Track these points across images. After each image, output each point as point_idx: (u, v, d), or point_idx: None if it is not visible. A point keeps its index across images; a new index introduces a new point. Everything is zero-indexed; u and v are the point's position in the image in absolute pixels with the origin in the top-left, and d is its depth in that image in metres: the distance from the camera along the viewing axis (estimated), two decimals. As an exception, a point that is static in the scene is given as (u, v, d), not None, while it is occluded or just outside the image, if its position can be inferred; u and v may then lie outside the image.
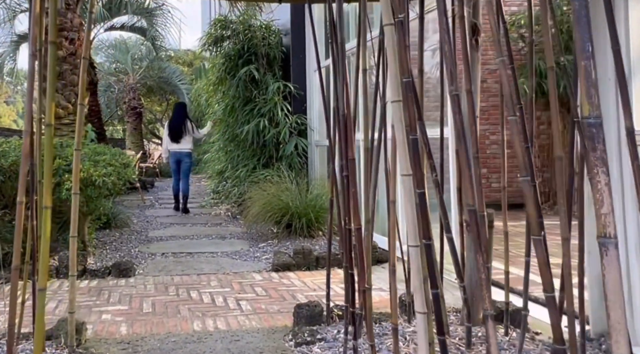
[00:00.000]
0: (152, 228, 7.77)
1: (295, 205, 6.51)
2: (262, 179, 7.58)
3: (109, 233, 7.14)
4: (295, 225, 6.41)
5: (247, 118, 8.72)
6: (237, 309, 4.19)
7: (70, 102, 7.53)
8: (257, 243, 6.55)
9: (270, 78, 8.57)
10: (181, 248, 6.43)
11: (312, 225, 6.43)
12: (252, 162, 8.51)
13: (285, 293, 4.63)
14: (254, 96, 8.65)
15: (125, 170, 5.94)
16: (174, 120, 9.66)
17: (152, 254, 6.13)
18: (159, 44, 15.54)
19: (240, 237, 7.03)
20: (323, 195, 6.77)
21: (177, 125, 9.47)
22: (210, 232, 7.42)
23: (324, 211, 6.53)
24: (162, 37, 14.67)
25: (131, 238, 7.00)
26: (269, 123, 8.24)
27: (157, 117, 24.92)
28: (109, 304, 4.41)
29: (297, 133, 8.27)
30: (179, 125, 9.47)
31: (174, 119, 9.68)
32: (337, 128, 2.90)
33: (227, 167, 9.79)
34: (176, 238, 7.05)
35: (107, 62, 20.99)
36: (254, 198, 7.05)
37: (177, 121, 9.55)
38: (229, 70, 9.01)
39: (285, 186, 6.86)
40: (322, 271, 5.34)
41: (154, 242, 6.81)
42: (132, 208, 9.83)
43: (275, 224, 6.67)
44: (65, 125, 7.47)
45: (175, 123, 9.54)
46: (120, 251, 6.24)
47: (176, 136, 9.42)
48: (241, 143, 8.95)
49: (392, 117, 2.00)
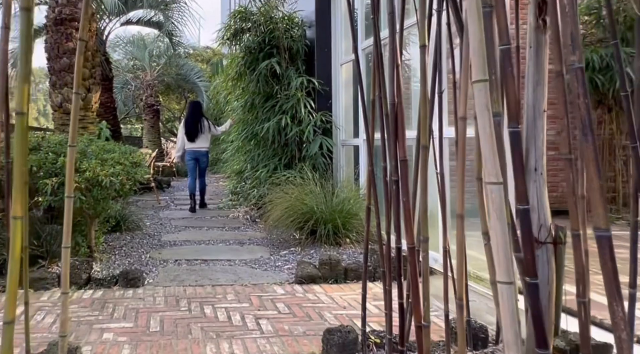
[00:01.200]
0: (165, 232, 7.29)
1: (321, 209, 5.97)
2: (284, 181, 7.06)
3: (119, 237, 6.67)
4: (320, 231, 5.87)
5: (267, 115, 8.21)
6: (256, 330, 3.67)
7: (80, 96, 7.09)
8: (278, 251, 6.03)
9: (293, 73, 8.04)
10: (196, 254, 5.93)
11: (338, 232, 5.88)
12: (272, 162, 7.99)
13: (310, 310, 4.09)
14: (276, 92, 8.13)
15: (135, 170, 5.45)
16: (189, 119, 9.51)
17: (164, 261, 5.63)
18: (177, 40, 15.10)
19: (259, 243, 6.51)
20: (351, 199, 6.23)
21: (193, 123, 9.39)
22: (227, 237, 6.92)
23: (352, 216, 5.99)
24: (179, 31, 14.25)
25: (143, 242, 6.52)
26: (292, 120, 7.71)
27: (176, 115, 24.53)
28: (112, 320, 3.92)
29: (322, 132, 7.73)
30: (194, 123, 9.39)
31: (190, 118, 9.54)
32: (383, 122, 2.36)
33: (246, 167, 9.29)
34: (191, 243, 6.55)
35: (125, 59, 20.62)
36: (275, 201, 6.53)
37: (193, 120, 9.44)
38: (249, 64, 8.51)
39: (309, 188, 6.33)
40: (352, 284, 4.81)
41: (166, 247, 6.31)
42: (146, 209, 9.38)
43: (298, 230, 6.14)
44: (75, 121, 7.03)
45: (191, 122, 9.42)
46: (130, 257, 5.75)
47: (192, 135, 9.34)
48: (261, 142, 8.44)
49: (476, 102, 1.45)
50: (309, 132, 7.48)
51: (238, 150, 9.89)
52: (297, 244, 6.10)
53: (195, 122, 9.40)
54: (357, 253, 5.66)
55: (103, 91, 12.43)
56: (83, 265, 4.92)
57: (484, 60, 1.43)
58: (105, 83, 12.49)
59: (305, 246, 5.95)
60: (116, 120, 12.88)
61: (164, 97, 23.26)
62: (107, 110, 12.36)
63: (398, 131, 2.12)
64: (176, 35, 14.81)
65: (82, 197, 4.92)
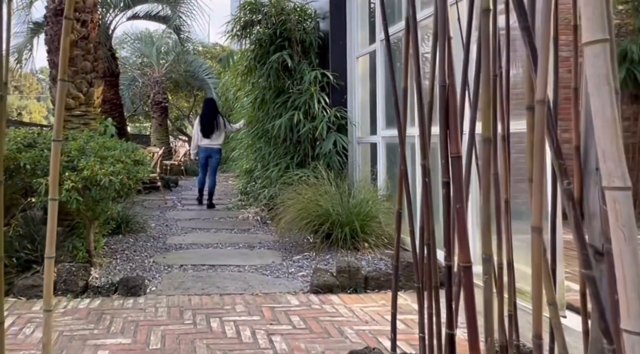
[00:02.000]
0: (171, 234, 6.89)
1: (337, 211, 5.54)
2: (296, 180, 6.64)
3: (121, 240, 6.27)
4: (336, 234, 5.44)
5: (279, 111, 7.79)
6: (268, 349, 3.26)
7: (81, 91, 6.68)
8: (291, 255, 5.61)
9: (306, 66, 7.61)
10: (203, 259, 5.52)
11: (356, 236, 5.45)
12: (284, 161, 7.57)
13: (329, 325, 3.68)
14: (287, 87, 7.71)
15: (137, 168, 5.05)
16: (205, 116, 9.50)
17: (169, 266, 5.23)
18: (185, 36, 14.70)
19: (271, 247, 6.10)
20: (369, 200, 5.80)
21: (209, 120, 9.37)
22: (236, 240, 6.51)
23: (370, 219, 5.56)
24: (187, 26, 13.84)
25: (147, 245, 6.12)
26: (304, 116, 7.28)
27: (184, 113, 24.14)
28: (108, 335, 3.52)
29: (336, 128, 7.29)
30: (210, 120, 9.38)
31: (205, 114, 9.52)
32: (422, 112, 1.93)
33: (256, 165, 8.89)
34: (198, 246, 6.15)
35: (132, 56, 20.23)
36: (288, 202, 6.12)
37: (209, 116, 9.43)
38: (259, 58, 8.09)
39: (324, 189, 5.91)
40: (373, 295, 4.38)
41: (172, 251, 5.92)
42: (151, 210, 8.99)
43: (312, 233, 5.72)
44: (76, 117, 6.64)
45: (207, 118, 9.41)
46: (132, 261, 5.36)
47: (208, 131, 9.32)
48: (272, 140, 8.03)
49: (589, 73, 1.03)
50: (322, 129, 7.05)
51: (248, 148, 9.49)
52: (311, 248, 5.68)
53: (211, 118, 9.38)
54: (376, 259, 5.23)
55: (109, 87, 12.08)
56: (80, 271, 4.53)
57: (602, 11, 1.01)
58: (112, 79, 12.12)
59: (320, 250, 5.53)
60: (122, 118, 12.52)
61: (173, 96, 22.90)
62: (113, 107, 12.00)
63: (450, 120, 1.69)
64: (184, 31, 14.42)
65: (78, 198, 4.52)
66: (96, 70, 6.90)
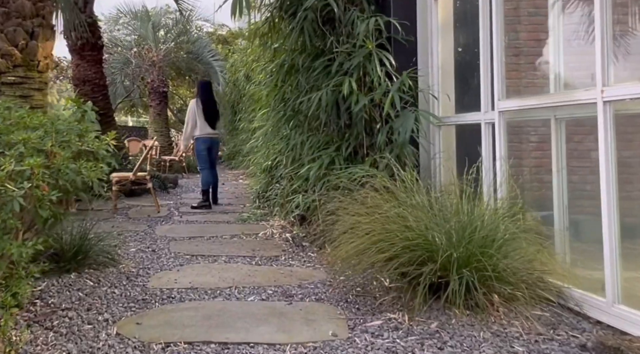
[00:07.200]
0: (158, 267, 4.46)
1: (446, 241, 3.10)
2: (349, 182, 4.23)
3: (72, 283, 3.83)
4: (452, 286, 2.99)
5: (316, 82, 5.35)
6: None
7: (16, 45, 4.28)
8: (362, 317, 3.17)
9: (357, 13, 5.12)
10: (207, 327, 3.09)
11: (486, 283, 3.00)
12: (326, 154, 5.08)
13: None
14: (329, 46, 5.25)
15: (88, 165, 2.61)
16: (208, 101, 8.12)
17: (143, 347, 2.80)
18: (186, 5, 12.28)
19: (321, 296, 3.65)
20: (484, 216, 3.37)
21: (213, 106, 8.20)
22: (261, 279, 4.08)
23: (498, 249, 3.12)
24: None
25: (113, 293, 3.69)
26: (358, 87, 4.81)
27: (187, 104, 21.66)
28: None
29: (405, 103, 4.83)
30: (214, 106, 8.28)
31: (208, 100, 8.14)
32: None
33: (280, 160, 6.47)
34: (198, 294, 3.72)
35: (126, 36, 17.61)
36: (345, 217, 3.71)
37: (213, 102, 8.29)
38: (287, 7, 5.65)
39: (413, 200, 3.47)
40: None
41: (154, 307, 3.48)
42: (137, 222, 6.56)
43: (400, 275, 3.29)
44: (7, 86, 4.27)
45: (211, 104, 8.15)
46: (76, 340, 2.91)
47: (214, 119, 8.10)
48: (306, 123, 5.60)
49: None
50: (391, 103, 4.58)
51: (268, 136, 7.05)
52: (395, 300, 3.26)
53: (215, 103, 8.33)
54: (528, 331, 2.77)
55: (90, 64, 9.69)
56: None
57: None
58: (93, 53, 9.71)
59: (419, 308, 3.08)
60: (108, 102, 10.07)
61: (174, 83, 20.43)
62: (95, 88, 9.58)
63: None
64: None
65: None
66: (42, 15, 4.48)
